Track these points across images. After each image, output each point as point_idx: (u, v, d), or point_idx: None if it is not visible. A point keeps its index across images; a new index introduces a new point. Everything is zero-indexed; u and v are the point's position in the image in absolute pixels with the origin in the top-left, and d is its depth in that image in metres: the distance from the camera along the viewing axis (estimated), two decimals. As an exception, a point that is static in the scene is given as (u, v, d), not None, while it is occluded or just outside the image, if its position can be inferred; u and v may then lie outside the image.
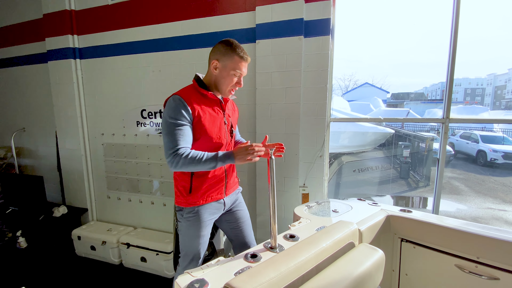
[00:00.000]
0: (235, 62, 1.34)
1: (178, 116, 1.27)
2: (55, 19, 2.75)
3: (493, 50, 36.75)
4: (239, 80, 1.39)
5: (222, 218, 1.58)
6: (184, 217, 1.43)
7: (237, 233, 1.59)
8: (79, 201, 3.04)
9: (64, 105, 2.89)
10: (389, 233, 1.51)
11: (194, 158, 1.24)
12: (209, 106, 1.38)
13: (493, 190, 6.00)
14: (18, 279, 2.35)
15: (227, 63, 1.35)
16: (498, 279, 1.24)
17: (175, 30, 2.44)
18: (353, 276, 0.96)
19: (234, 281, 0.80)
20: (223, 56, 1.35)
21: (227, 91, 1.40)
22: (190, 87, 1.41)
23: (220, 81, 1.38)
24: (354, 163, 5.09)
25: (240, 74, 1.37)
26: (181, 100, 1.29)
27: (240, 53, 1.35)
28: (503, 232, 1.28)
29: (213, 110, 1.39)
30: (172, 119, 1.27)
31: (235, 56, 1.34)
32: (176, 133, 1.26)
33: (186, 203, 1.41)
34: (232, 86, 1.38)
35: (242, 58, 1.35)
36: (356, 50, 25.40)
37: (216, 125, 1.38)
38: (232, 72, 1.35)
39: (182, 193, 1.42)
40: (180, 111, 1.27)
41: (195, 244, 1.42)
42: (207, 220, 1.43)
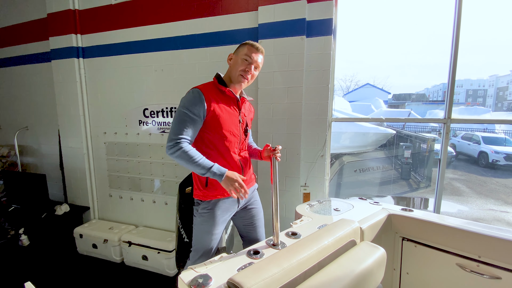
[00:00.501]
0: (246, 49, 1.41)
1: (192, 108, 1.32)
2: (59, 18, 2.77)
3: (495, 51, 36.65)
4: (249, 67, 1.41)
5: (237, 215, 1.60)
6: (199, 212, 1.46)
7: (250, 230, 1.61)
8: (81, 199, 3.05)
9: (67, 104, 2.91)
10: (391, 232, 1.52)
11: (191, 157, 1.27)
12: (226, 102, 1.42)
13: (494, 191, 5.98)
14: (21, 276, 2.36)
15: (239, 52, 1.43)
16: (500, 278, 1.24)
17: (178, 30, 2.46)
18: (355, 273, 0.97)
19: (237, 276, 0.81)
20: (238, 49, 1.46)
21: (237, 76, 1.42)
22: (211, 83, 1.46)
23: (233, 69, 1.44)
24: (355, 163, 5.08)
25: (251, 62, 1.41)
26: (199, 94, 1.34)
27: (251, 43, 1.42)
28: (504, 231, 1.28)
29: (230, 107, 1.43)
30: (186, 109, 1.32)
31: (247, 45, 1.43)
32: (185, 123, 1.31)
33: (203, 196, 1.44)
34: (241, 70, 1.41)
35: (253, 46, 1.42)
36: (357, 51, 25.37)
37: (231, 121, 1.42)
38: (243, 57, 1.40)
39: (199, 186, 1.46)
40: (196, 104, 1.32)
41: (207, 240, 1.45)
42: (220, 218, 1.45)
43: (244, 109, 1.52)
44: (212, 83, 1.45)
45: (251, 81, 1.48)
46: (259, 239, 1.61)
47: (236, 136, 1.44)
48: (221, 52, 2.35)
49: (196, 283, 0.85)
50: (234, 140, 1.44)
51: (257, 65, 1.44)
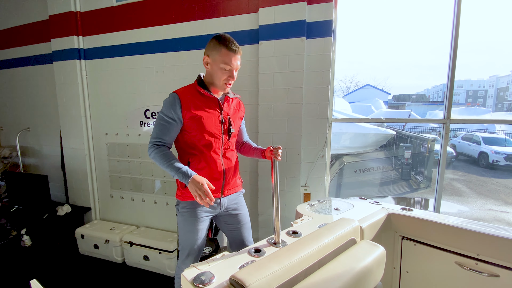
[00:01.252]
0: (223, 54, 1.33)
1: (167, 112, 1.36)
2: (60, 20, 2.79)
3: (495, 52, 36.70)
4: (231, 74, 1.37)
5: (221, 219, 1.59)
6: (179, 211, 1.48)
7: (235, 235, 1.60)
8: (82, 200, 3.07)
9: (68, 105, 2.93)
10: (390, 231, 1.53)
11: (162, 159, 1.33)
12: (205, 104, 1.41)
13: (495, 191, 5.99)
14: (23, 277, 2.37)
15: (216, 57, 1.35)
16: (498, 276, 1.25)
17: (179, 32, 2.48)
18: (355, 271, 0.99)
19: (240, 273, 0.82)
20: (212, 50, 1.35)
21: (221, 85, 1.39)
22: (190, 85, 1.47)
23: (213, 76, 1.39)
24: (356, 164, 5.10)
25: (231, 68, 1.35)
26: (175, 98, 1.37)
27: (227, 45, 1.32)
28: (502, 229, 1.30)
29: (209, 108, 1.42)
30: (162, 113, 1.38)
31: (222, 48, 1.32)
32: (161, 127, 1.38)
33: (182, 196, 1.46)
34: (224, 80, 1.37)
35: (230, 50, 1.33)
36: (357, 52, 25.43)
37: (210, 122, 1.41)
38: (222, 65, 1.34)
39: (178, 186, 1.48)
40: (171, 108, 1.36)
41: (190, 238, 1.45)
42: (201, 217, 1.46)
43: (228, 108, 1.49)
44: (192, 86, 1.45)
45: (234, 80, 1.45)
46: (245, 242, 1.59)
47: (216, 137, 1.43)
48: (222, 54, 2.37)
49: (199, 281, 0.87)
50: (215, 141, 1.43)
51: (237, 67, 1.39)
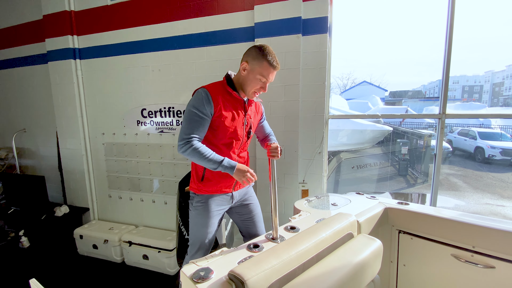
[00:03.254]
0: (263, 67, 1.35)
1: (200, 108, 1.35)
2: (55, 20, 2.77)
3: (490, 47, 36.95)
4: (264, 86, 1.41)
5: (233, 210, 1.64)
6: (193, 205, 1.51)
7: (248, 225, 1.63)
8: (80, 201, 3.06)
9: (64, 105, 2.91)
10: (387, 225, 1.55)
11: (202, 153, 1.33)
12: (232, 104, 1.43)
13: (491, 186, 6.05)
14: (22, 278, 2.37)
15: (255, 67, 1.37)
16: (494, 267, 1.27)
17: (175, 30, 2.47)
18: (352, 265, 1.00)
19: (238, 268, 0.83)
20: (253, 59, 1.37)
21: (251, 93, 1.43)
22: (219, 83, 1.45)
23: (246, 83, 1.41)
24: (353, 160, 5.12)
25: (266, 81, 1.39)
26: (207, 94, 1.36)
27: (270, 60, 1.35)
28: (497, 221, 1.32)
29: (235, 109, 1.44)
30: (195, 109, 1.35)
31: (265, 61, 1.35)
32: (194, 123, 1.36)
33: (197, 189, 1.49)
34: (256, 89, 1.41)
35: (271, 65, 1.36)
36: (353, 49, 25.45)
37: (234, 124, 1.43)
38: (259, 76, 1.37)
39: (195, 180, 1.51)
40: (204, 103, 1.35)
41: (202, 232, 1.49)
42: (214, 211, 1.50)
43: (251, 111, 1.53)
44: (220, 84, 1.44)
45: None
46: (258, 234, 1.63)
47: (238, 138, 1.47)
48: (218, 52, 2.37)
49: (198, 276, 0.87)
50: (236, 142, 1.47)
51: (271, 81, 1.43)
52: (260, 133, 1.71)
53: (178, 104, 2.56)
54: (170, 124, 2.62)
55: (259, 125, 1.68)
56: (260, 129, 1.69)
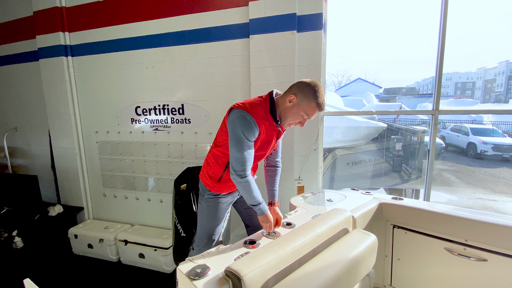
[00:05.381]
0: (312, 108, 1.32)
1: (251, 138, 1.32)
2: (45, 16, 2.72)
3: (482, 45, 37.39)
4: (303, 122, 1.38)
5: (238, 201, 1.68)
6: (205, 198, 1.55)
7: (251, 213, 1.65)
8: (74, 200, 3.03)
9: (56, 104, 2.86)
10: (382, 220, 1.57)
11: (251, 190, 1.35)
12: (269, 131, 1.41)
13: (483, 181, 6.16)
14: (15, 278, 2.34)
15: (303, 104, 1.32)
16: (486, 260, 1.30)
17: (168, 26, 2.44)
18: (348, 259, 1.01)
19: (235, 264, 0.83)
20: (303, 96, 1.32)
21: (287, 124, 1.41)
22: (262, 108, 1.37)
23: (287, 114, 1.37)
24: (348, 156, 5.16)
25: (308, 119, 1.37)
26: (255, 123, 1.31)
27: (319, 102, 1.31)
28: (489, 215, 1.34)
29: (270, 137, 1.43)
30: (246, 139, 1.31)
31: (313, 102, 1.31)
32: (248, 153, 1.33)
33: (212, 187, 1.52)
34: (295, 123, 1.40)
35: (319, 107, 1.33)
36: (348, 46, 25.55)
37: (265, 148, 1.45)
38: (302, 113, 1.34)
39: (211, 178, 1.52)
40: (254, 133, 1.32)
41: (212, 224, 1.55)
42: (225, 203, 1.57)
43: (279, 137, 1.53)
44: (263, 109, 1.37)
45: None
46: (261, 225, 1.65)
47: (261, 159, 1.51)
48: (213, 48, 2.35)
49: (194, 273, 0.87)
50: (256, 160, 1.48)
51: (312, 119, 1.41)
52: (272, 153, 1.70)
53: (172, 102, 2.54)
54: (165, 122, 2.60)
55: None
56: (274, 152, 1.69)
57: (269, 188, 1.66)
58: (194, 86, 2.47)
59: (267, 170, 1.68)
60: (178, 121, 2.56)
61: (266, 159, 1.69)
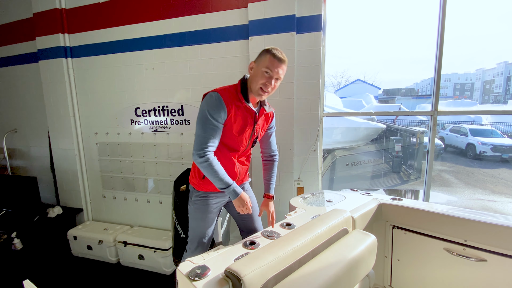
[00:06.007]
0: (267, 60, 1.32)
1: (215, 116, 1.31)
2: (45, 18, 2.72)
3: (481, 45, 37.56)
4: (270, 80, 1.34)
5: (231, 204, 1.64)
6: (192, 199, 1.53)
7: (245, 219, 1.63)
8: (74, 201, 3.02)
9: (56, 105, 2.86)
10: (381, 220, 1.57)
11: (215, 171, 1.32)
12: (243, 114, 1.39)
13: (482, 181, 6.16)
14: (15, 279, 2.33)
15: (260, 61, 1.35)
16: (486, 260, 1.30)
17: (168, 28, 2.45)
18: (347, 259, 1.01)
19: (235, 265, 0.83)
20: (259, 57, 1.37)
21: (257, 89, 1.36)
22: (233, 88, 1.40)
23: (252, 80, 1.37)
24: (347, 157, 5.16)
25: (272, 75, 1.33)
26: (220, 100, 1.32)
27: (274, 53, 1.32)
28: (488, 215, 1.34)
29: (245, 119, 1.41)
30: (210, 116, 1.31)
31: (269, 55, 1.33)
32: (210, 131, 1.32)
33: (198, 185, 1.50)
34: (261, 84, 1.35)
35: (275, 57, 1.32)
36: (347, 47, 25.64)
37: (242, 133, 1.42)
38: (263, 69, 1.32)
39: (196, 175, 1.50)
40: (218, 110, 1.31)
41: (201, 227, 1.51)
42: (212, 205, 1.52)
43: (261, 120, 1.49)
44: (234, 89, 1.39)
45: (272, 92, 1.42)
46: (256, 228, 1.63)
47: (242, 147, 1.46)
48: (212, 50, 2.36)
49: (194, 274, 0.87)
50: (240, 149, 1.47)
51: (278, 77, 1.36)
52: (264, 143, 1.67)
53: (172, 103, 2.55)
54: (164, 123, 2.61)
55: (266, 132, 1.64)
56: (265, 139, 1.65)
57: (265, 181, 1.66)
58: (193, 87, 2.47)
59: (264, 163, 1.69)
60: (178, 122, 2.56)
61: (262, 152, 1.69)
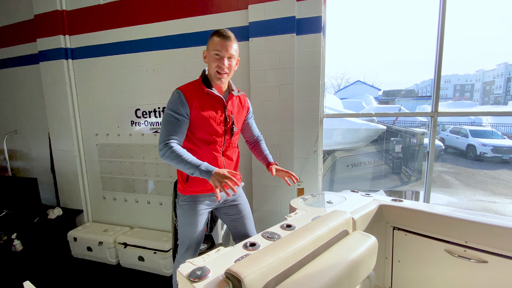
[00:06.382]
0: (214, 42, 1.34)
1: (175, 109, 1.34)
2: (46, 19, 2.73)
3: (481, 46, 37.66)
4: (222, 61, 1.33)
5: (221, 211, 1.62)
6: (179, 204, 1.50)
7: (236, 225, 1.61)
8: (74, 203, 3.02)
9: (56, 106, 2.87)
10: (382, 221, 1.57)
11: (179, 156, 1.28)
12: (209, 102, 1.40)
13: (483, 183, 6.16)
14: (15, 281, 2.33)
15: (209, 47, 1.37)
16: (486, 262, 1.30)
17: (169, 29, 2.46)
18: (348, 261, 1.01)
19: (235, 266, 0.83)
20: (208, 43, 1.39)
21: (214, 74, 1.38)
22: (195, 82, 1.44)
23: (209, 68, 1.40)
24: (348, 158, 5.17)
25: (223, 56, 1.33)
26: (180, 95, 1.36)
27: (218, 32, 1.34)
28: (489, 217, 1.34)
29: (213, 107, 1.41)
30: (170, 111, 1.35)
31: (214, 37, 1.35)
32: (171, 124, 1.35)
33: (183, 190, 1.48)
34: (216, 67, 1.35)
35: (219, 36, 1.33)
36: (347, 48, 25.71)
37: (213, 121, 1.40)
38: (213, 52, 1.34)
39: (180, 180, 1.49)
40: (179, 104, 1.34)
41: (189, 231, 1.48)
42: (200, 210, 1.48)
43: (232, 106, 1.48)
44: (196, 82, 1.43)
45: (232, 72, 1.42)
46: (248, 234, 1.60)
47: (218, 136, 1.43)
48: (212, 51, 2.36)
49: (194, 275, 0.87)
50: (218, 140, 1.44)
51: (230, 55, 1.35)
52: (247, 133, 1.67)
53: (172, 104, 2.55)
54: (164, 124, 2.61)
55: (246, 122, 1.64)
56: (246, 128, 1.65)
57: (261, 157, 1.65)
58: (194, 89, 2.47)
59: (251, 147, 1.70)
60: (178, 123, 2.56)
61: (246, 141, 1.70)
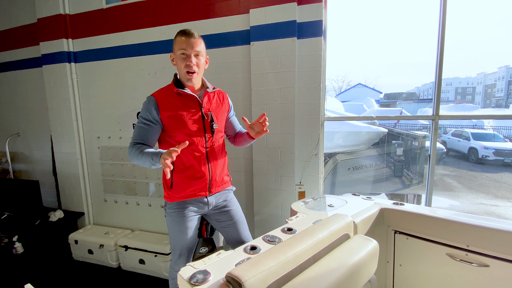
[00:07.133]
0: (178, 41, 1.35)
1: (145, 115, 1.37)
2: (49, 23, 2.76)
3: (482, 49, 37.67)
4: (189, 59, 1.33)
5: (212, 218, 1.60)
6: (167, 212, 1.50)
7: (228, 231, 1.59)
8: (75, 205, 3.03)
9: (59, 109, 2.89)
10: (383, 225, 1.56)
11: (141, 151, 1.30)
12: (182, 103, 1.40)
13: (485, 186, 6.13)
14: (16, 283, 2.33)
15: (175, 48, 1.38)
16: (488, 266, 1.29)
17: (170, 33, 2.47)
18: (349, 265, 1.00)
19: (236, 270, 0.83)
20: (173, 46, 1.40)
21: (184, 75, 1.38)
22: (167, 86, 1.46)
23: (178, 70, 1.42)
24: (349, 161, 5.15)
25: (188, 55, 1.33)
26: (150, 100, 1.38)
27: (180, 32, 1.35)
28: (491, 221, 1.34)
29: (187, 107, 1.41)
30: (141, 117, 1.39)
31: (177, 37, 1.36)
32: (139, 129, 1.39)
33: (168, 197, 1.48)
34: (184, 67, 1.35)
35: (182, 35, 1.33)
36: (348, 52, 25.77)
37: (190, 121, 1.40)
38: (179, 52, 1.35)
39: (165, 187, 1.50)
40: (147, 110, 1.37)
41: (179, 238, 1.47)
42: (188, 216, 1.47)
43: (209, 103, 1.48)
44: (169, 86, 1.45)
45: (202, 70, 1.43)
46: (241, 240, 1.57)
47: (198, 135, 1.42)
48: (214, 55, 2.37)
49: (195, 279, 0.87)
50: (197, 139, 1.42)
51: (197, 53, 1.35)
52: (229, 129, 1.66)
53: (174, 107, 2.56)
54: (166, 127, 2.62)
55: (228, 120, 1.63)
56: (229, 126, 1.65)
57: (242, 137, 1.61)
58: (195, 92, 2.49)
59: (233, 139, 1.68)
60: (179, 126, 2.57)
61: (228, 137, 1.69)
